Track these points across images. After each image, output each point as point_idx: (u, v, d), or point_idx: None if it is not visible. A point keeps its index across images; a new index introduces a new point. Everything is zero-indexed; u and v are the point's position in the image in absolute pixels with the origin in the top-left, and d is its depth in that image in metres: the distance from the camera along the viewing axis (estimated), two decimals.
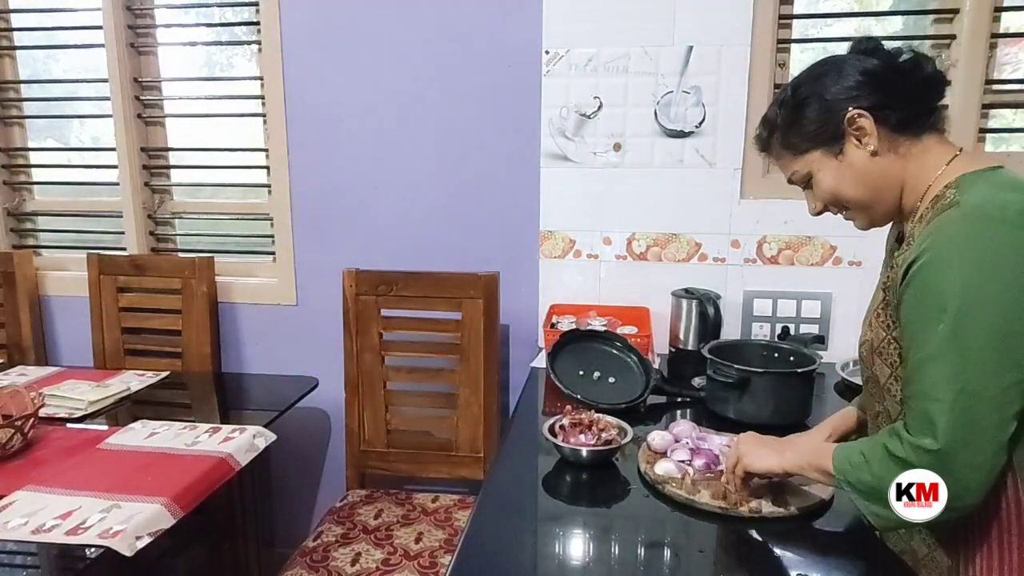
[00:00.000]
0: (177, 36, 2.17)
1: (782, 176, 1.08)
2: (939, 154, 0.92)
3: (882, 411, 0.97)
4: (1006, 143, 1.84)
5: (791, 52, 1.80)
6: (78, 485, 1.24)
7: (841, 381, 1.64)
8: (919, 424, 0.82)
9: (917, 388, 0.83)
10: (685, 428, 1.26)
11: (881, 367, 0.93)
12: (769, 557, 0.98)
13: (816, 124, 0.94)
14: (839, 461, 0.90)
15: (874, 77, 0.91)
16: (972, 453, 0.79)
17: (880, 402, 0.97)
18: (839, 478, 0.90)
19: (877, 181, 0.93)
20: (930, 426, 0.80)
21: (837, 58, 0.98)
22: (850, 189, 0.95)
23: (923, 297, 0.82)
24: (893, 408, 0.93)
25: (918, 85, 0.92)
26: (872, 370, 0.96)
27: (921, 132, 0.92)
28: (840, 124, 0.92)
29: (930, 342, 0.81)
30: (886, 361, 0.93)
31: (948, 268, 0.80)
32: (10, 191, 2.29)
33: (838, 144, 0.94)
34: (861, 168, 0.93)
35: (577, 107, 1.82)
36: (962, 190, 0.85)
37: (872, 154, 0.92)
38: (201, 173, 2.24)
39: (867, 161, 0.93)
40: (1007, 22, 1.70)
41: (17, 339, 2.17)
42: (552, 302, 1.91)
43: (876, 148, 0.92)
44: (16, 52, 2.22)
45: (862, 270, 1.76)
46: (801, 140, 0.97)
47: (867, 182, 0.94)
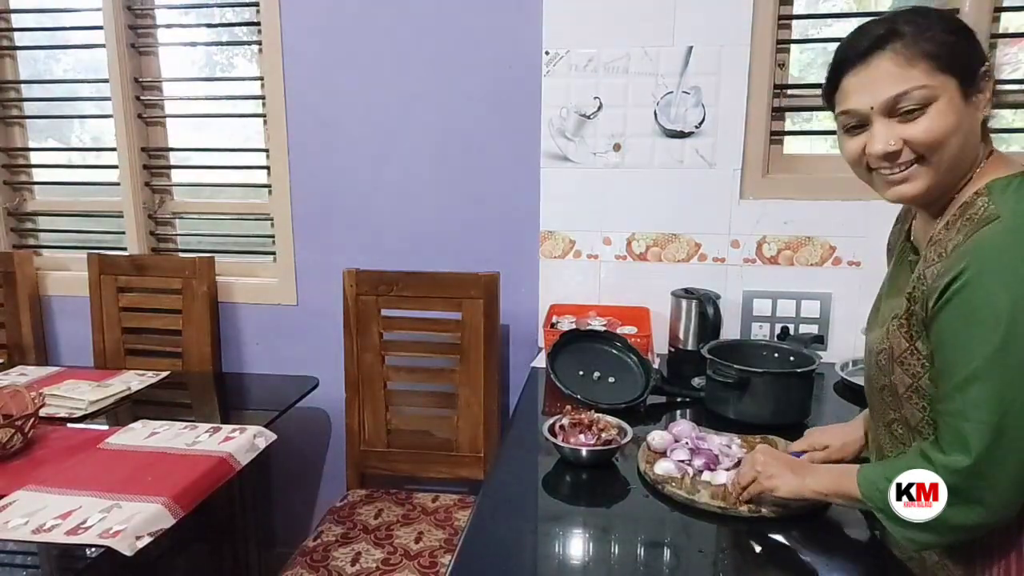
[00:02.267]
0: (177, 36, 2.17)
1: (782, 176, 1.07)
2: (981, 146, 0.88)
3: (898, 418, 0.95)
4: (1006, 143, 1.84)
5: (791, 52, 1.80)
6: (78, 485, 1.24)
7: (841, 381, 1.64)
8: (952, 443, 0.80)
9: (955, 407, 0.80)
10: (685, 428, 1.26)
11: (901, 376, 0.91)
12: (769, 557, 0.98)
13: (967, 55, 0.84)
14: (866, 488, 0.88)
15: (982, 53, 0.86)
16: (1003, 471, 0.78)
17: (897, 410, 0.94)
18: (869, 503, 0.88)
19: (970, 145, 0.86)
20: (963, 444, 0.79)
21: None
22: (954, 139, 0.84)
23: (967, 316, 0.79)
24: (912, 416, 0.91)
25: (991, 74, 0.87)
26: (890, 379, 0.93)
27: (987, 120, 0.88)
28: (978, 71, 0.85)
29: (974, 361, 0.78)
30: (908, 372, 0.90)
31: (994, 286, 0.77)
32: (10, 191, 2.29)
33: (975, 87, 0.84)
34: (971, 125, 0.85)
35: (577, 107, 1.83)
36: (995, 199, 0.82)
37: (983, 119, 0.86)
38: (201, 173, 2.24)
39: (975, 123, 0.86)
40: (1007, 22, 1.70)
41: (17, 339, 2.17)
42: (552, 302, 1.91)
43: (984, 113, 0.86)
44: (16, 52, 2.22)
45: (862, 270, 1.76)
46: (951, 60, 0.83)
47: (966, 142, 0.85)
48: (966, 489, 0.80)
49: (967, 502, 0.80)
